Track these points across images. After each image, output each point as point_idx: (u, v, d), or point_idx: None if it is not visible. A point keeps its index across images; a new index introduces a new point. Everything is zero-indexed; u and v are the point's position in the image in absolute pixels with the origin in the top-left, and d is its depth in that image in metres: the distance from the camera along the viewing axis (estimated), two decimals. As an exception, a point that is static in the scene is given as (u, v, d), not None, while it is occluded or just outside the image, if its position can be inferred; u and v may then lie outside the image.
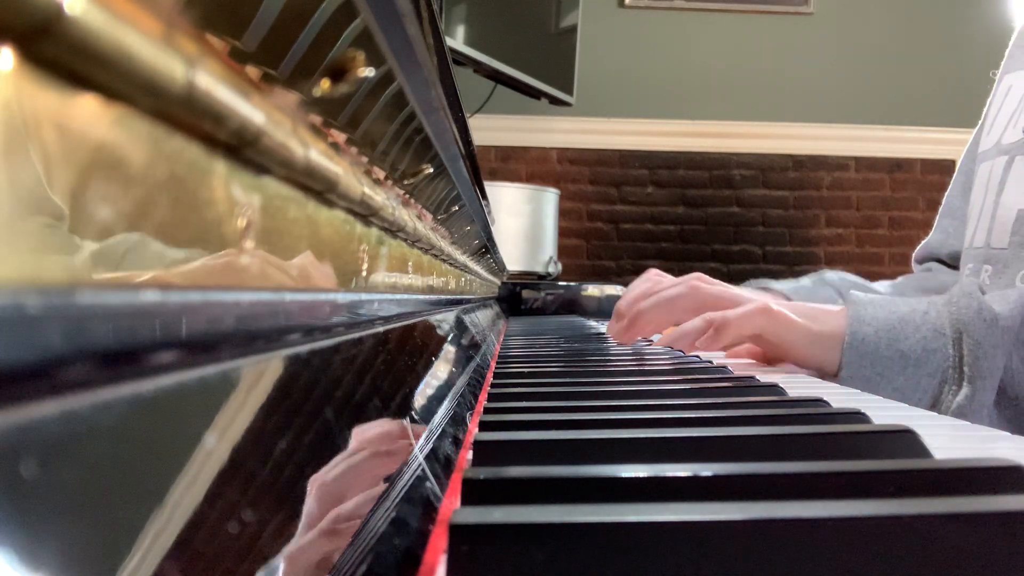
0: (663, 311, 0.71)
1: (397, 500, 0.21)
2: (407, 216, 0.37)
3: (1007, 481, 0.21)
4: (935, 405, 0.59)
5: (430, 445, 0.27)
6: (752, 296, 0.70)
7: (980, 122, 0.88)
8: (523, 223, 2.08)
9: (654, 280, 0.77)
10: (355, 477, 0.20)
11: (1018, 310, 0.59)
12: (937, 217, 0.98)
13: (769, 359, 0.68)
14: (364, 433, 0.23)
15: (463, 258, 0.76)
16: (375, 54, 0.24)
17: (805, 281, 0.91)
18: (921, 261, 0.99)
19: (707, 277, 0.73)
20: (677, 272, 0.78)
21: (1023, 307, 0.59)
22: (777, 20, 2.64)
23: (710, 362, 0.58)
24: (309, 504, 0.16)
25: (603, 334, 0.94)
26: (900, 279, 0.96)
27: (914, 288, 0.92)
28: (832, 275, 0.92)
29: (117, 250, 0.13)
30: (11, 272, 0.10)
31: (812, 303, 0.70)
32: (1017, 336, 0.58)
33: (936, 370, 0.60)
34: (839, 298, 0.86)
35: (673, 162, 2.62)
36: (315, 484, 0.17)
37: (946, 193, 0.97)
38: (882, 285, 0.93)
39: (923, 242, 0.99)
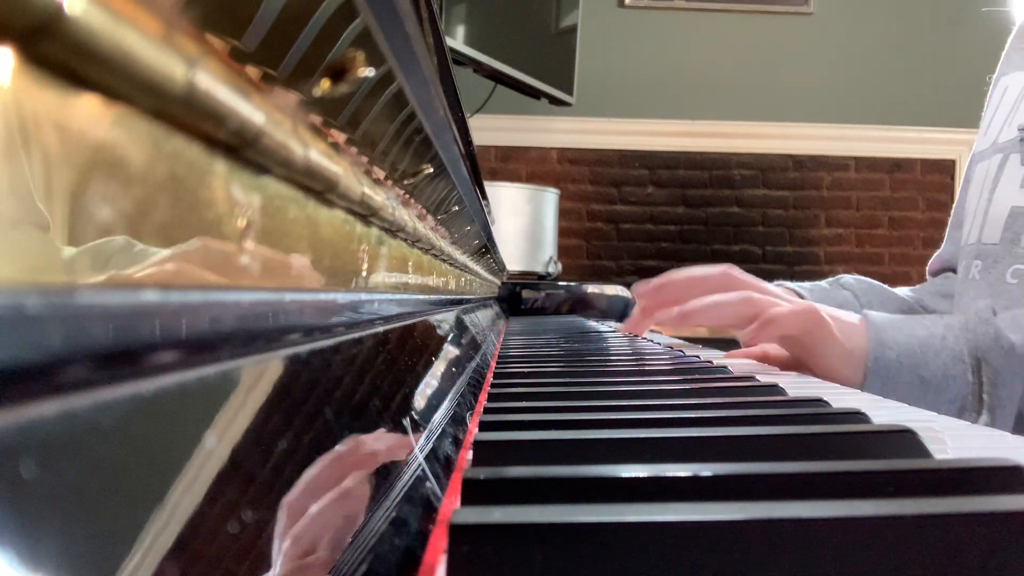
0: (693, 284, 0.71)
1: (397, 500, 0.21)
2: (407, 216, 0.37)
3: (1007, 481, 0.21)
4: None
5: (430, 445, 0.27)
6: (782, 293, 0.69)
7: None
8: (523, 223, 2.08)
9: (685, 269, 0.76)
10: (355, 477, 0.20)
11: None
12: (948, 229, 0.97)
13: (789, 365, 0.65)
14: (364, 433, 0.23)
15: (463, 258, 0.76)
16: (375, 54, 0.24)
17: (823, 284, 0.89)
18: (935, 273, 0.97)
19: (739, 269, 0.72)
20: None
21: None
22: (777, 20, 2.64)
23: (710, 362, 0.58)
24: (309, 504, 0.16)
25: (603, 334, 0.94)
26: (918, 287, 0.95)
27: (931, 294, 0.91)
28: (849, 279, 0.90)
29: (117, 250, 0.13)
30: (11, 272, 0.10)
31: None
32: None
33: (956, 396, 0.60)
34: (856, 301, 0.85)
35: (673, 162, 2.62)
36: (315, 484, 0.17)
37: (954, 205, 0.96)
38: (903, 291, 0.92)
39: (935, 255, 0.97)
